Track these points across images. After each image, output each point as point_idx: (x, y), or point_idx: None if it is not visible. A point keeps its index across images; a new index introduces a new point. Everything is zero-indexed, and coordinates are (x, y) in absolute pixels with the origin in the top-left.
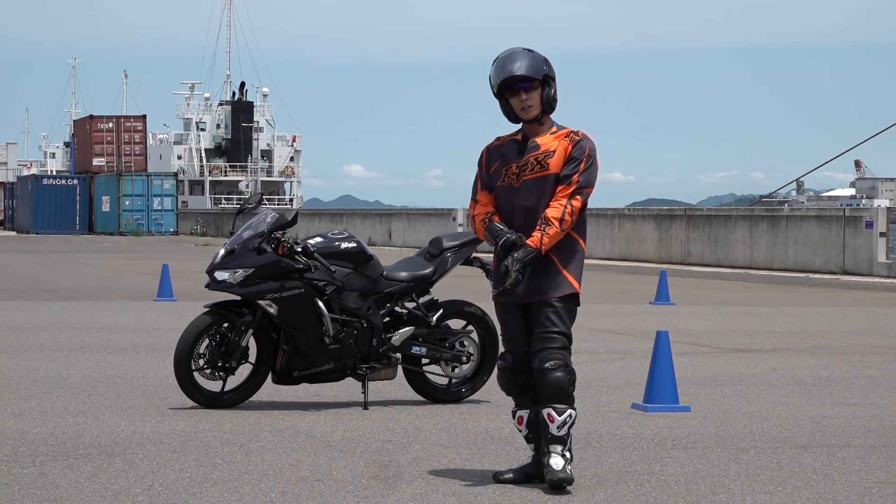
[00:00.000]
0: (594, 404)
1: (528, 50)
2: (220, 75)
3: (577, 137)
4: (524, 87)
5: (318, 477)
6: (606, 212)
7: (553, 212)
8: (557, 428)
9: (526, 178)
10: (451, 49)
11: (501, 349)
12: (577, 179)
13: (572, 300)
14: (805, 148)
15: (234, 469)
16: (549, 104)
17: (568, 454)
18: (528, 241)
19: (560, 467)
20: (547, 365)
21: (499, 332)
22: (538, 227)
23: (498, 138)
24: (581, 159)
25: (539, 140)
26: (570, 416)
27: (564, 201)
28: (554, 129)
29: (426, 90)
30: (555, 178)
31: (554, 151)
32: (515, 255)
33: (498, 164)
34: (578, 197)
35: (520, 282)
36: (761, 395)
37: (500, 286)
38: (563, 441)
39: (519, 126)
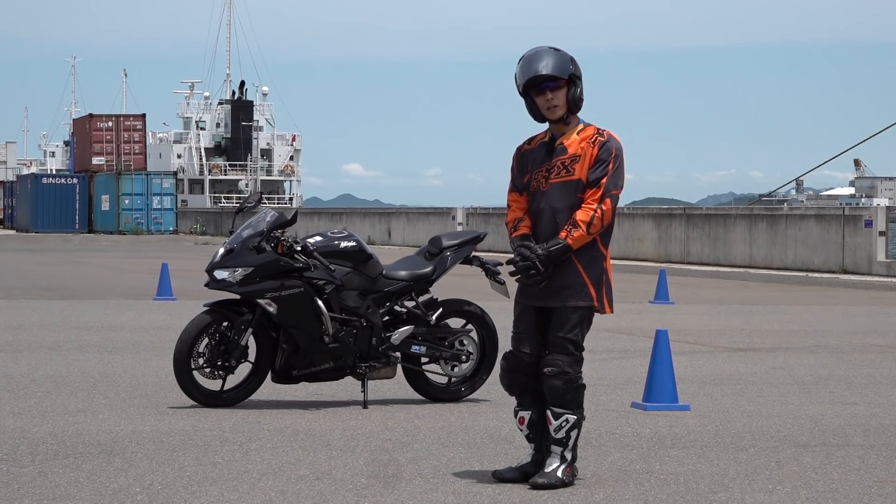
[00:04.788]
0: (594, 403)
1: (555, 49)
2: (220, 74)
3: (602, 139)
4: (550, 87)
5: (317, 476)
6: None
7: (582, 214)
8: (554, 430)
9: (553, 182)
10: (450, 48)
11: (508, 348)
12: (605, 183)
13: (589, 311)
14: (804, 147)
15: (234, 468)
16: (574, 104)
17: (568, 455)
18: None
19: (551, 469)
20: (546, 370)
21: (498, 331)
22: (564, 229)
23: (529, 140)
24: (608, 161)
25: (566, 142)
26: (566, 420)
27: (595, 205)
28: (580, 127)
29: (425, 89)
30: (577, 183)
31: (580, 156)
32: (539, 253)
33: (528, 167)
34: (608, 200)
35: (540, 276)
36: (761, 394)
37: (520, 278)
38: (562, 443)
39: (545, 125)
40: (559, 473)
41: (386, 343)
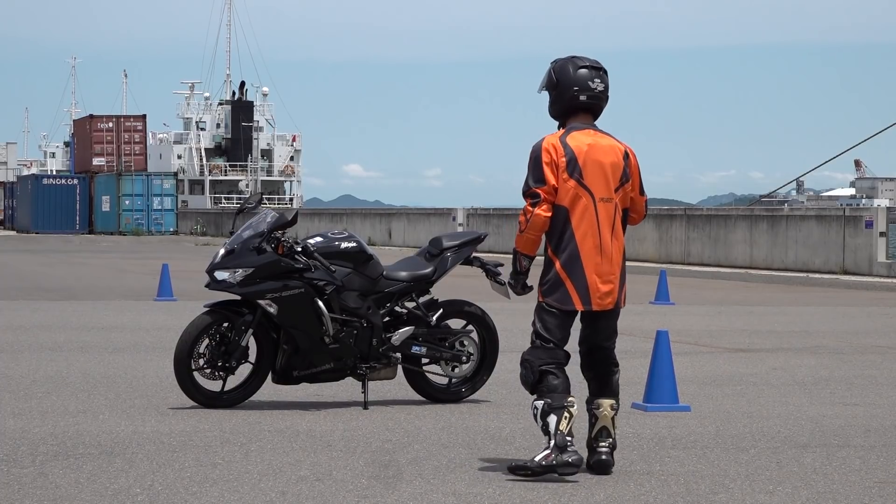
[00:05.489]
0: None
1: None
2: (220, 75)
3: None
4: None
5: (318, 476)
6: None
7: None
8: (534, 419)
9: None
10: (451, 49)
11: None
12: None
13: (539, 305)
14: (805, 147)
15: (234, 469)
16: (551, 113)
17: (551, 442)
18: None
19: (536, 455)
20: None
21: (499, 332)
22: None
23: None
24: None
25: None
26: (535, 407)
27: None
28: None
29: (425, 89)
30: None
31: None
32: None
33: None
34: (527, 199)
35: (518, 287)
36: (761, 394)
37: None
38: (544, 431)
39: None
40: (537, 458)
41: (386, 344)
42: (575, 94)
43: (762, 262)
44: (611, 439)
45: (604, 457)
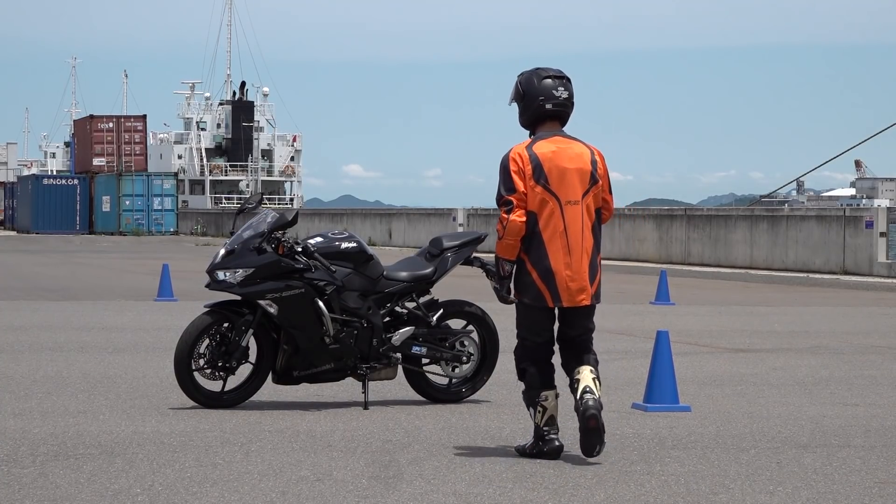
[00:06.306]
0: None
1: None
2: (221, 75)
3: None
4: None
5: (318, 477)
6: None
7: None
8: None
9: None
10: (451, 50)
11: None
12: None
13: (518, 303)
14: (805, 148)
15: (235, 469)
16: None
17: (533, 432)
18: None
19: (526, 443)
20: None
21: (499, 332)
22: None
23: None
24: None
25: None
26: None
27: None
28: None
29: (425, 90)
30: None
31: None
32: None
33: None
34: (501, 208)
35: (500, 291)
36: (761, 394)
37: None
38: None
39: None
40: (526, 445)
41: (387, 344)
42: (541, 103)
43: (762, 262)
44: (595, 396)
45: (591, 411)
